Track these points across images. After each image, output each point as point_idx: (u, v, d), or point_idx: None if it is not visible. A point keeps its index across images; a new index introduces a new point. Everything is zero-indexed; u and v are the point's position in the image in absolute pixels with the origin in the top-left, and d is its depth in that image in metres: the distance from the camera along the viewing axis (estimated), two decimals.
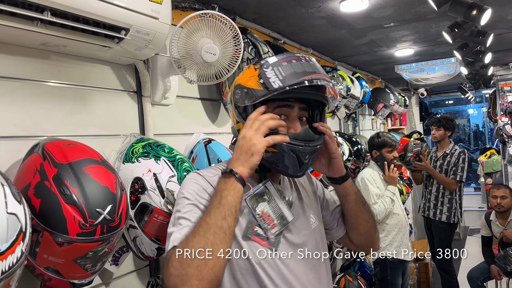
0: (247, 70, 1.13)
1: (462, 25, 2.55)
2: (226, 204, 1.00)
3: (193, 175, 1.15)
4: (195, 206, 1.06)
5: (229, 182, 1.02)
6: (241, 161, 1.04)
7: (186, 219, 1.03)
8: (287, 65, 1.06)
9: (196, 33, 1.73)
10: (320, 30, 3.16)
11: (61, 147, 1.26)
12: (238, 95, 1.11)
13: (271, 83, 1.04)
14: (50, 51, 1.50)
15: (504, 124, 5.71)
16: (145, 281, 1.83)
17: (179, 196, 1.10)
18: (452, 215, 4.06)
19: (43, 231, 1.14)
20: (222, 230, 0.97)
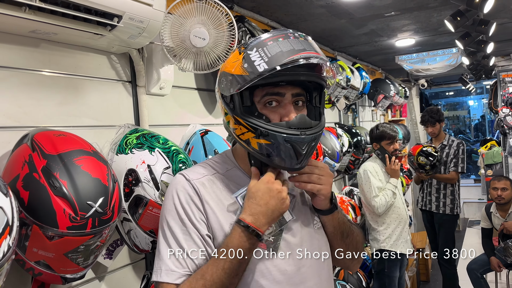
0: (232, 55, 1.02)
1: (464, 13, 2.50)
2: (244, 263, 0.96)
3: (180, 180, 1.04)
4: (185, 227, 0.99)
5: (252, 244, 0.95)
6: (270, 219, 0.97)
7: (177, 242, 0.98)
8: (273, 44, 0.93)
9: (189, 19, 1.68)
10: (319, 20, 3.11)
11: (51, 138, 1.22)
12: (223, 84, 0.99)
13: (256, 66, 0.92)
14: (40, 39, 1.45)
15: (505, 115, 5.67)
16: (141, 274, 1.80)
17: (168, 207, 1.02)
18: (455, 206, 4.09)
19: (32, 224, 1.11)
20: (234, 285, 0.96)
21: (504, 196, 3.77)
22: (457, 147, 4.10)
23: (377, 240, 3.18)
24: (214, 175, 1.06)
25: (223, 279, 0.92)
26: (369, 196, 3.09)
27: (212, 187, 1.04)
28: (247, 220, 0.95)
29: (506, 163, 5.98)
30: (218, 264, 0.93)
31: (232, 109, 0.99)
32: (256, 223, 0.95)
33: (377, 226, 3.17)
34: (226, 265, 0.93)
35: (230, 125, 1.03)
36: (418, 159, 4.01)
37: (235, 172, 1.09)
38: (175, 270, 0.96)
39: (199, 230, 0.99)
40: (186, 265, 0.96)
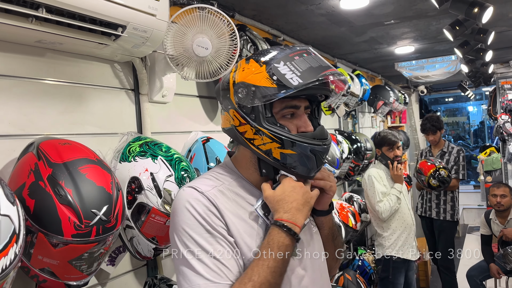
0: (246, 66, 1.02)
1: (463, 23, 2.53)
2: (286, 261, 0.97)
3: (192, 192, 1.01)
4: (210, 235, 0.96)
5: (291, 240, 0.97)
6: (303, 213, 1.01)
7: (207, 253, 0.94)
8: (300, 59, 0.98)
9: (191, 28, 1.70)
10: (320, 27, 3.14)
11: (57, 146, 1.24)
12: (243, 94, 1.00)
13: (289, 80, 0.95)
14: (46, 49, 1.48)
15: (504, 122, 5.69)
16: (142, 281, 1.81)
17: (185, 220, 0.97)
18: (456, 213, 4.11)
19: (37, 232, 1.12)
20: (278, 285, 0.96)
21: (503, 203, 3.78)
22: (457, 154, 4.13)
23: (382, 246, 3.18)
24: (222, 186, 1.05)
25: (270, 278, 0.92)
26: (373, 201, 3.10)
27: (224, 198, 1.02)
28: (283, 218, 0.98)
29: (506, 170, 6.00)
30: (263, 264, 0.93)
31: (253, 119, 1.01)
32: (292, 218, 0.98)
33: (382, 231, 3.18)
34: (271, 264, 0.93)
35: (247, 135, 1.03)
36: (429, 181, 3.93)
37: (241, 183, 1.09)
38: (217, 282, 0.92)
39: (226, 237, 0.97)
40: (224, 275, 0.93)
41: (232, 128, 1.07)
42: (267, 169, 1.06)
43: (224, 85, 1.07)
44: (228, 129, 1.09)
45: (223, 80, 1.08)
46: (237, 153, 1.14)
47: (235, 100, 1.03)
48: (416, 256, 3.24)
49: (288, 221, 0.97)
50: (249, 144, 1.04)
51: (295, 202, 1.00)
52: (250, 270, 0.93)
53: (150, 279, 1.76)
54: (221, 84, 1.08)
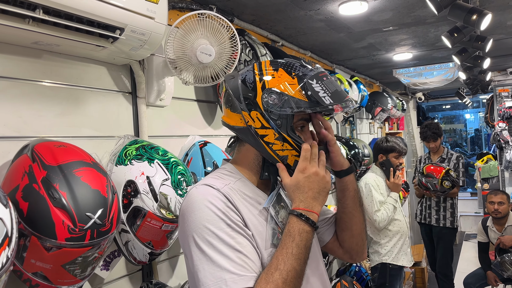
0: (276, 74, 1.08)
1: (461, 30, 2.54)
2: (308, 248, 0.99)
3: (208, 189, 1.02)
4: (232, 229, 0.97)
5: (311, 226, 1.00)
6: (320, 200, 1.04)
7: (231, 247, 0.94)
8: (328, 81, 1.07)
9: (192, 33, 1.70)
10: (318, 33, 3.14)
11: (51, 148, 1.22)
12: (273, 101, 1.05)
13: (322, 98, 1.03)
14: (42, 50, 1.46)
15: (501, 129, 5.71)
16: (137, 286, 1.79)
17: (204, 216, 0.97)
18: (455, 219, 4.11)
19: (30, 235, 1.11)
20: (303, 273, 0.97)
21: (500, 210, 3.78)
22: (457, 161, 4.14)
23: (378, 253, 3.16)
24: (229, 185, 1.07)
25: (296, 265, 0.94)
26: (370, 210, 3.08)
27: (235, 196, 1.05)
28: (300, 207, 1.02)
29: (503, 177, 6.00)
30: (287, 252, 0.95)
31: (279, 125, 1.06)
32: (309, 207, 1.02)
33: (379, 239, 3.16)
34: (295, 251, 0.95)
35: (266, 139, 1.07)
36: (443, 183, 3.91)
37: (244, 183, 1.11)
38: (243, 274, 0.92)
39: (245, 231, 0.99)
40: (249, 267, 0.94)
41: (246, 128, 1.09)
42: (270, 172, 1.12)
43: (247, 85, 1.09)
44: (239, 128, 1.12)
45: (241, 80, 1.10)
46: (236, 155, 1.18)
47: (262, 103, 1.06)
48: (410, 263, 3.23)
49: (305, 209, 1.01)
50: (266, 147, 1.08)
51: (310, 191, 1.03)
52: (275, 259, 0.95)
53: (145, 284, 1.74)
54: (240, 83, 1.10)
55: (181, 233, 1.03)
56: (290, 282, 0.92)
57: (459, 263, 6.05)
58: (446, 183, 3.89)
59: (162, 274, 1.96)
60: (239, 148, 1.17)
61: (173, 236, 1.57)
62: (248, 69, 1.13)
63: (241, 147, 1.16)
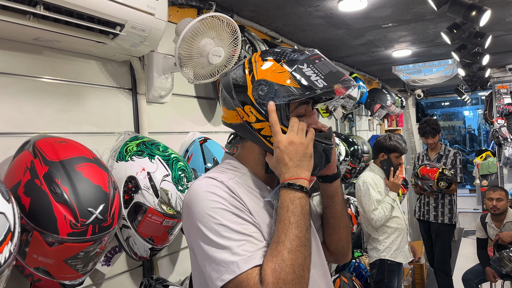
0: (265, 64, 1.04)
1: (461, 26, 2.54)
2: (306, 215, 0.96)
3: (210, 181, 1.00)
4: (238, 217, 0.95)
5: (301, 194, 0.97)
6: (304, 166, 1.00)
7: (239, 232, 0.92)
8: (320, 63, 1.03)
9: (200, 34, 1.70)
10: (318, 30, 3.14)
11: (53, 144, 1.23)
12: (265, 92, 1.02)
13: (314, 81, 0.99)
14: (43, 46, 1.47)
15: (500, 126, 5.72)
16: (138, 281, 1.80)
17: (209, 205, 0.95)
18: (454, 216, 4.11)
19: (32, 230, 1.11)
20: (309, 242, 0.94)
21: (499, 206, 3.79)
22: (454, 157, 4.14)
23: (377, 250, 3.17)
24: (234, 179, 1.05)
25: (297, 233, 0.92)
26: (367, 209, 3.08)
27: (240, 189, 1.02)
28: (285, 178, 0.99)
29: (501, 174, 6.02)
30: (284, 222, 0.93)
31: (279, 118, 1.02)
32: (294, 175, 0.99)
33: (377, 235, 3.17)
34: (292, 219, 0.93)
35: (263, 132, 1.04)
36: (439, 184, 3.93)
37: (250, 177, 1.09)
38: (253, 252, 0.90)
39: (251, 218, 0.97)
40: (258, 248, 0.92)
41: (243, 124, 1.07)
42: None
43: (237, 80, 1.06)
44: (236, 125, 1.10)
45: (232, 76, 1.08)
46: (241, 151, 1.15)
47: (253, 96, 1.03)
48: (408, 259, 3.24)
49: (291, 178, 0.98)
50: (264, 141, 1.05)
51: (290, 161, 1.00)
52: (276, 234, 0.93)
53: (146, 280, 1.74)
54: (231, 80, 1.08)
55: (186, 225, 1.01)
56: (296, 250, 0.89)
57: (458, 259, 6.07)
58: (441, 184, 3.89)
59: (163, 270, 1.96)
60: (242, 144, 1.14)
61: (174, 232, 1.57)
62: (239, 65, 1.10)
63: (245, 143, 1.13)
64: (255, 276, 0.87)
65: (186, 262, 2.09)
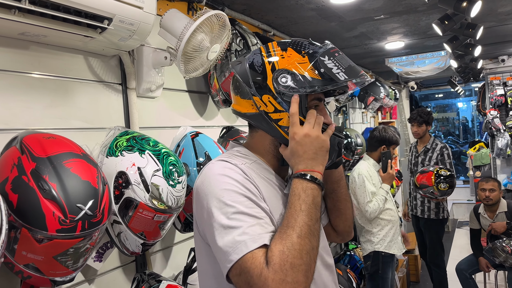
0: (285, 54, 1.04)
1: (452, 17, 2.54)
2: (317, 206, 0.95)
3: (224, 163, 1.00)
4: (250, 200, 0.94)
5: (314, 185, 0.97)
6: (319, 160, 1.00)
7: (250, 215, 0.91)
8: (340, 56, 1.03)
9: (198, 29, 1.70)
10: (310, 22, 3.13)
11: (40, 140, 1.22)
12: (285, 82, 1.01)
13: (336, 74, 1.00)
14: (30, 41, 1.45)
15: (493, 117, 5.74)
16: (131, 277, 1.79)
17: (222, 187, 0.95)
18: (441, 210, 4.06)
19: (21, 227, 1.10)
20: (318, 233, 0.93)
21: (492, 197, 3.81)
22: (441, 151, 4.07)
23: (371, 242, 3.18)
24: (246, 164, 1.03)
25: (307, 220, 0.91)
26: (362, 201, 3.09)
27: (253, 174, 1.02)
28: (299, 169, 0.99)
29: (494, 165, 6.06)
30: (295, 209, 0.93)
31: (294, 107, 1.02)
32: (308, 167, 0.99)
33: (371, 228, 3.18)
34: (303, 207, 0.93)
35: (281, 123, 1.04)
36: (439, 187, 3.71)
37: (261, 165, 1.08)
38: (261, 232, 0.89)
39: (263, 204, 0.97)
40: (268, 231, 0.91)
41: (259, 114, 1.05)
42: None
43: (255, 69, 1.04)
44: (251, 115, 1.07)
45: (248, 64, 1.06)
46: (251, 140, 1.14)
47: (273, 86, 1.02)
48: (402, 251, 3.26)
49: (305, 170, 0.98)
50: (281, 132, 1.04)
51: (305, 154, 0.99)
52: (285, 219, 0.92)
53: (139, 275, 1.74)
54: (248, 68, 1.06)
55: (196, 209, 1.00)
56: (305, 237, 0.89)
57: (451, 250, 6.12)
58: (442, 186, 3.71)
59: (156, 265, 1.96)
60: (252, 134, 1.13)
61: (166, 227, 1.57)
62: (255, 52, 1.08)
63: (254, 133, 1.12)
64: (261, 256, 0.86)
65: (180, 257, 2.09)
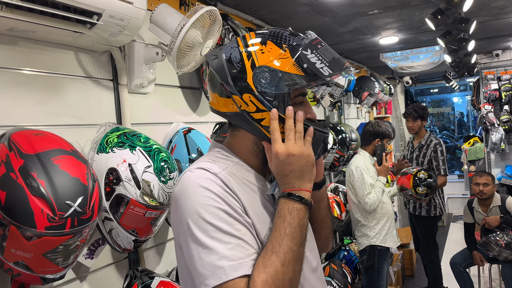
0: (265, 48, 0.96)
1: (445, 12, 2.53)
2: (303, 228, 0.91)
3: (203, 173, 0.93)
4: (231, 217, 0.89)
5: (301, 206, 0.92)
6: (306, 177, 0.96)
7: (230, 234, 0.86)
8: (322, 48, 0.97)
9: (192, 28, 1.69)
10: (303, 18, 3.12)
11: (29, 137, 1.21)
12: (266, 80, 0.95)
13: (319, 69, 0.94)
14: (18, 37, 1.43)
15: (487, 112, 5.76)
16: (124, 273, 1.79)
17: (201, 201, 0.89)
18: (432, 208, 4.05)
19: (9, 225, 1.09)
20: (301, 258, 0.90)
21: (485, 191, 3.83)
22: (434, 148, 4.06)
23: (367, 236, 3.20)
24: (227, 169, 0.97)
25: (291, 245, 0.87)
26: (361, 193, 3.10)
27: (234, 182, 0.96)
28: (286, 189, 0.94)
29: (489, 159, 6.08)
30: (280, 232, 0.89)
31: (276, 106, 0.96)
32: (295, 186, 0.94)
33: (367, 222, 3.19)
34: (288, 230, 0.89)
35: (264, 123, 0.97)
36: (417, 190, 3.51)
37: (243, 168, 1.02)
38: (243, 262, 0.84)
39: (244, 218, 0.91)
40: (249, 254, 0.87)
41: (240, 113, 0.99)
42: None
43: (234, 65, 0.97)
44: (231, 114, 1.01)
45: (225, 60, 0.99)
46: (232, 140, 1.07)
47: (254, 84, 0.96)
48: (397, 244, 3.28)
49: (292, 190, 0.94)
50: (265, 132, 0.98)
51: (291, 173, 0.95)
52: (269, 243, 0.88)
53: (132, 272, 1.74)
54: (225, 64, 0.98)
55: (174, 219, 0.95)
56: (289, 264, 0.86)
57: (446, 244, 6.15)
58: (419, 189, 3.52)
59: (149, 262, 1.96)
60: (233, 133, 1.06)
61: (158, 223, 1.56)
62: (232, 46, 1.00)
63: (236, 132, 1.05)
64: (243, 286, 0.82)
65: (173, 253, 2.07)
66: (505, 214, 3.78)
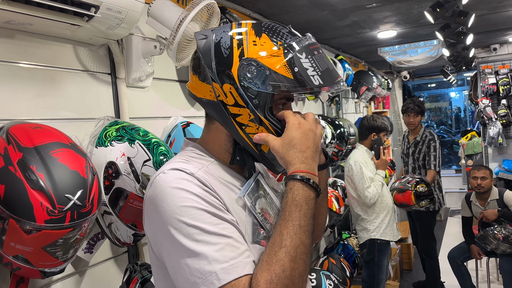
0: (258, 40, 0.90)
1: (443, 5, 2.53)
2: (312, 218, 0.84)
3: (178, 173, 0.86)
4: (215, 216, 0.82)
5: (315, 190, 0.86)
6: (316, 162, 0.89)
7: (217, 234, 0.79)
8: (318, 55, 0.91)
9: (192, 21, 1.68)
10: (302, 11, 3.11)
11: (27, 130, 1.20)
12: (253, 74, 0.88)
13: (310, 77, 0.88)
14: (15, 30, 1.42)
15: (485, 106, 5.77)
16: (123, 268, 1.78)
17: (179, 203, 0.81)
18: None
19: (8, 218, 1.09)
20: (311, 248, 0.83)
21: (483, 185, 3.84)
22: (428, 144, 4.08)
23: (367, 230, 3.21)
24: (203, 169, 0.91)
25: (304, 239, 0.80)
26: (361, 187, 3.10)
27: (213, 180, 0.90)
28: (302, 169, 0.86)
29: (486, 153, 6.10)
30: (293, 224, 0.80)
31: (256, 105, 0.90)
32: (311, 169, 0.87)
33: (367, 216, 3.20)
34: (302, 222, 0.81)
35: (239, 119, 0.92)
36: (421, 204, 3.56)
37: (219, 166, 0.97)
38: (236, 262, 0.77)
39: (230, 217, 0.85)
40: (242, 253, 0.80)
41: (216, 103, 0.92)
42: (242, 156, 0.97)
43: (222, 51, 0.91)
44: (207, 102, 0.94)
45: (214, 43, 0.92)
46: (206, 135, 1.02)
47: (238, 76, 0.89)
48: (396, 237, 3.30)
49: (309, 172, 0.86)
50: (237, 129, 0.92)
51: (308, 150, 0.88)
52: (278, 236, 0.80)
53: (131, 266, 1.73)
54: (213, 47, 0.92)
55: (150, 228, 0.87)
56: (300, 259, 0.78)
57: (444, 238, 6.18)
58: (423, 203, 3.58)
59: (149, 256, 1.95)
60: (208, 126, 1.01)
61: None
62: (225, 30, 0.93)
63: (211, 125, 1.00)
64: (242, 287, 0.75)
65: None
66: (503, 207, 3.79)
